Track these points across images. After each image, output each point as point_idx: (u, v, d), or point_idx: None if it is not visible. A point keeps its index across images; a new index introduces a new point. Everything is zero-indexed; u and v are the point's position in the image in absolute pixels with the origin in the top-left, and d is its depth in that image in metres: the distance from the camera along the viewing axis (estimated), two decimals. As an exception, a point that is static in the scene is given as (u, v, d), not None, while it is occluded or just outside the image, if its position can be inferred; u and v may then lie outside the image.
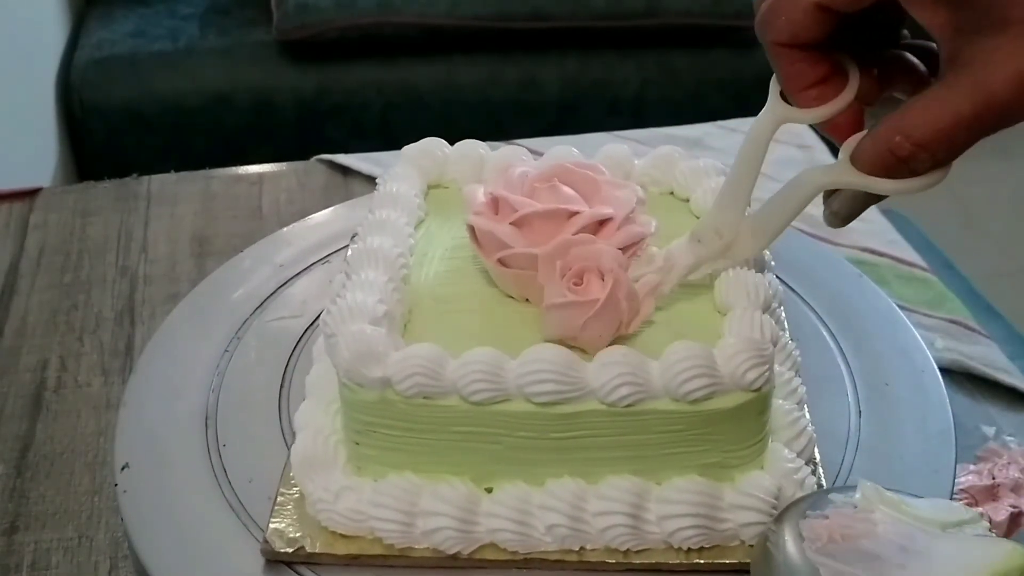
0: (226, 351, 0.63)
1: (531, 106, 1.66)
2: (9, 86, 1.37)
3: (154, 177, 0.93)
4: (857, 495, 0.45)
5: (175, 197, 0.91)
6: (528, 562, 0.50)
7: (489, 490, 0.51)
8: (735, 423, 0.50)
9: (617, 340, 0.52)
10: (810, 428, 0.54)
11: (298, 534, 0.51)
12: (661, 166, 0.64)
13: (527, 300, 0.55)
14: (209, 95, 1.62)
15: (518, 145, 0.65)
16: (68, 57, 1.66)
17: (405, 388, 0.49)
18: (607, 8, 1.64)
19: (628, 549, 0.50)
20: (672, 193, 0.64)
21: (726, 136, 1.00)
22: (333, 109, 1.64)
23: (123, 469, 0.56)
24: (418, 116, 1.64)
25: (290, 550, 0.51)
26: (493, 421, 0.49)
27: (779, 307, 0.59)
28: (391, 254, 0.56)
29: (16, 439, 0.67)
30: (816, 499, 0.45)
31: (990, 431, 0.66)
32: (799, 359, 0.57)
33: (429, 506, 0.50)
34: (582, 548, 0.50)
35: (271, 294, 0.68)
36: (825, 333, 0.65)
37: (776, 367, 0.54)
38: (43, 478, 0.65)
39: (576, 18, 1.64)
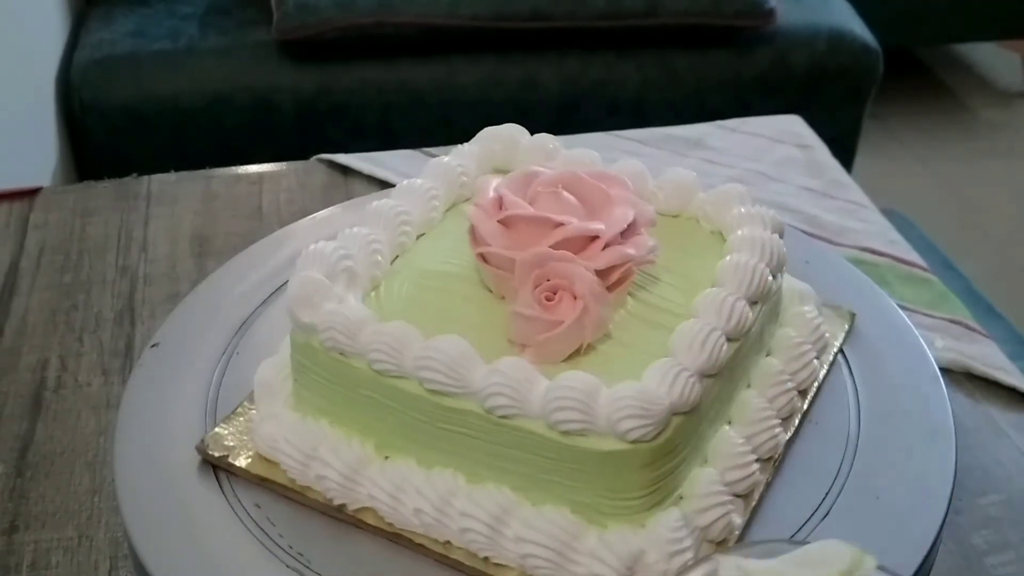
0: (264, 303, 0.65)
1: (531, 106, 1.66)
2: (9, 86, 1.37)
3: (154, 177, 0.93)
4: None
5: (175, 197, 0.91)
6: (398, 537, 0.51)
7: (387, 459, 0.52)
8: (607, 469, 0.47)
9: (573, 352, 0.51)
10: (755, 467, 0.51)
11: (232, 444, 0.54)
12: (719, 203, 0.60)
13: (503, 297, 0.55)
14: (209, 95, 1.62)
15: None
16: (68, 57, 1.65)
17: (324, 339, 0.51)
18: (607, 8, 1.64)
19: (488, 558, 0.49)
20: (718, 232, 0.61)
21: (726, 136, 1.00)
22: (333, 109, 1.63)
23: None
24: (418, 116, 1.64)
25: (217, 455, 0.54)
26: (391, 394, 0.51)
27: (817, 357, 0.58)
28: (390, 214, 0.57)
29: (16, 439, 0.67)
30: None
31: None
32: (797, 404, 0.56)
33: (323, 455, 0.52)
34: (448, 542, 0.50)
35: None
36: (850, 391, 0.59)
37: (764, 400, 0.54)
38: (43, 478, 0.65)
39: (576, 18, 1.64)
